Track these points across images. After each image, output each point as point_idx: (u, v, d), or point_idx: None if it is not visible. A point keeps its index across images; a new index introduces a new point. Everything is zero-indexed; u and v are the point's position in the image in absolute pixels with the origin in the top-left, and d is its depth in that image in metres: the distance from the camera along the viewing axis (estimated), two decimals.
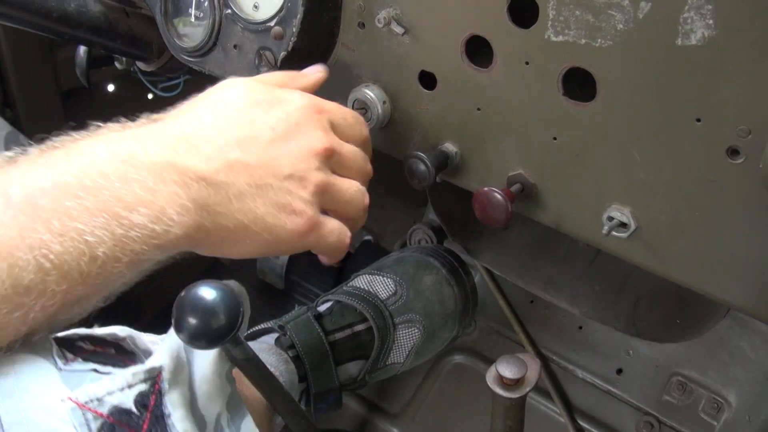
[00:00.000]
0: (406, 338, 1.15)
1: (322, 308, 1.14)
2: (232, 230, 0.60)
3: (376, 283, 1.17)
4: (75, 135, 0.59)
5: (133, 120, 0.63)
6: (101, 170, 0.54)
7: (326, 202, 0.67)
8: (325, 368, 1.08)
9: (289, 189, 0.63)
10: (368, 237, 1.89)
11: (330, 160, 0.67)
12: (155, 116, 0.64)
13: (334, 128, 0.69)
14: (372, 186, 0.73)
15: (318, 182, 0.65)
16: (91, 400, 0.53)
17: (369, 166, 0.73)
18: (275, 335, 1.08)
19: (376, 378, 1.17)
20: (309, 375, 1.05)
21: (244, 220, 0.60)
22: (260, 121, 0.64)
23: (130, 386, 0.55)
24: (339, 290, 1.18)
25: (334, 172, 0.68)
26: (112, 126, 0.61)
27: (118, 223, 0.53)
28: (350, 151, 0.70)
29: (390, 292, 1.15)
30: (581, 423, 1.30)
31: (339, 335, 1.11)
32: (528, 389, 0.72)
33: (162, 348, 0.61)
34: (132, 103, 1.67)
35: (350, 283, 1.18)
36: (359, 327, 1.12)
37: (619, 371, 1.29)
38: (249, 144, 0.62)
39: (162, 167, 0.56)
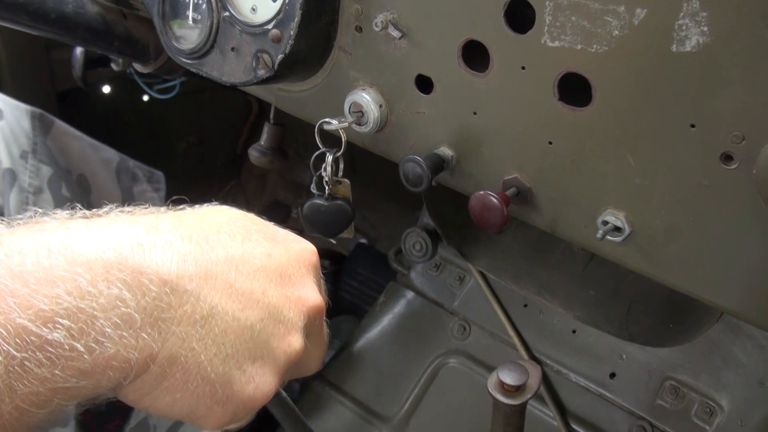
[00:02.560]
0: None
1: None
2: (182, 366, 0.44)
3: None
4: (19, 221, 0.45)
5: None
6: (13, 268, 0.40)
7: (286, 373, 0.53)
8: None
9: (269, 340, 0.49)
10: (363, 240, 1.90)
11: (313, 323, 0.55)
12: (124, 208, 0.50)
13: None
14: (367, 189, 0.73)
15: (298, 349, 0.52)
16: None
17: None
18: None
19: None
20: None
21: (201, 356, 0.45)
22: (256, 243, 0.52)
23: None
24: None
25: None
26: (60, 214, 0.47)
27: (21, 341, 0.38)
28: (324, 325, 0.59)
29: None
30: (574, 427, 1.30)
31: None
32: (529, 396, 0.72)
33: None
34: (127, 105, 1.69)
35: None
36: None
37: (612, 375, 1.30)
38: (238, 262, 0.49)
39: (108, 263, 0.42)
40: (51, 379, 0.39)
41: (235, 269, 0.48)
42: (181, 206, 0.53)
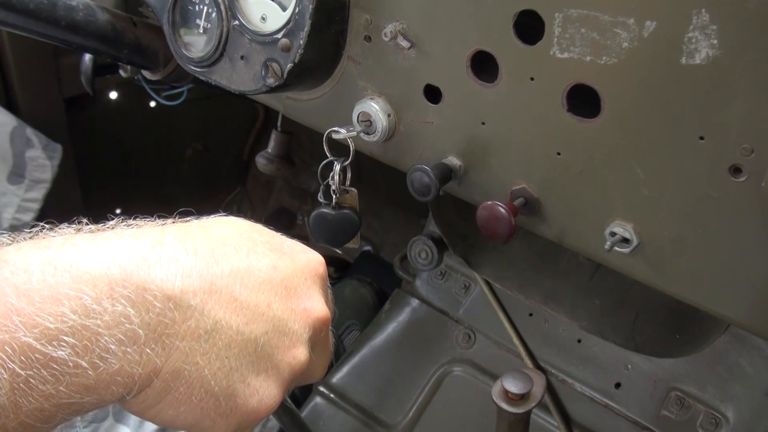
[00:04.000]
0: None
1: None
2: (185, 380, 0.45)
3: None
4: (24, 235, 0.45)
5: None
6: (19, 287, 0.40)
7: (290, 385, 0.53)
8: None
9: (273, 353, 0.50)
10: (368, 248, 1.90)
11: (319, 334, 0.55)
12: (131, 221, 0.51)
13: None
14: (372, 197, 0.73)
15: (303, 361, 0.52)
16: None
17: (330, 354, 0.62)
18: None
19: None
20: None
21: (205, 370, 0.46)
22: (262, 255, 0.52)
23: None
24: None
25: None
26: (66, 229, 0.47)
27: (26, 359, 0.38)
28: (330, 334, 0.59)
29: None
30: None
31: None
32: (533, 404, 0.72)
33: None
34: (134, 111, 1.69)
35: None
36: None
37: (618, 385, 1.29)
38: (243, 275, 0.49)
39: (113, 279, 0.42)
40: (55, 395, 0.40)
41: (240, 282, 0.49)
42: (187, 218, 0.54)
